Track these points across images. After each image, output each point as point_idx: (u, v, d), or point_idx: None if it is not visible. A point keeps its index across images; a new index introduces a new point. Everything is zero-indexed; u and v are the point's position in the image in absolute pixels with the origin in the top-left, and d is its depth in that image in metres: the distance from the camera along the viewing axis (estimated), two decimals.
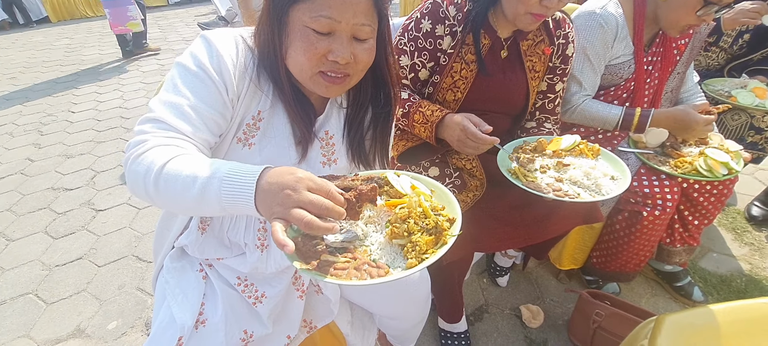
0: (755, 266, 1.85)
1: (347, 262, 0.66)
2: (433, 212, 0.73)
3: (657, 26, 1.45)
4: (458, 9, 1.18)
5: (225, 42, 0.79)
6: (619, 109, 1.42)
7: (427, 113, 1.19)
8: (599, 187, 1.09)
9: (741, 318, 1.01)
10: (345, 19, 0.72)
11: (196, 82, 0.76)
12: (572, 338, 1.54)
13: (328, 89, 0.79)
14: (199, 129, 0.75)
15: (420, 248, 0.67)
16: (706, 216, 1.55)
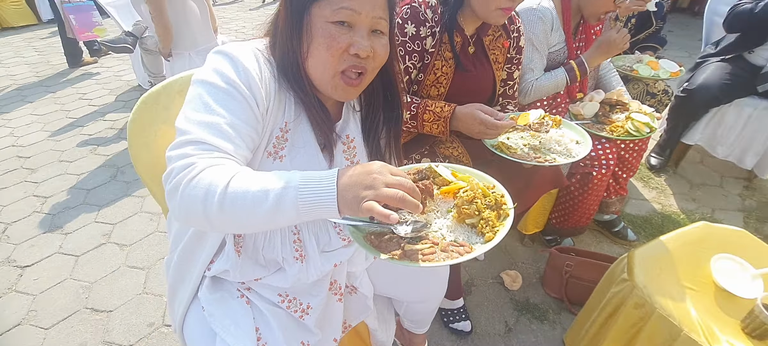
0: (664, 205, 2.30)
1: (430, 248, 0.72)
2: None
3: (579, 15, 1.73)
4: (433, 11, 1.29)
5: (247, 56, 0.79)
6: (561, 71, 1.66)
7: (436, 111, 1.28)
8: (569, 151, 1.29)
9: (684, 241, 1.29)
10: (365, 11, 0.76)
11: (228, 99, 0.75)
12: (548, 291, 1.77)
13: (347, 92, 0.82)
14: (239, 146, 0.74)
15: (492, 222, 0.76)
16: (631, 169, 1.90)
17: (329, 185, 0.64)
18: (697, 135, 2.42)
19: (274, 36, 0.84)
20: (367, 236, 0.79)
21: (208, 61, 0.79)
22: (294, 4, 0.77)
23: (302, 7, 0.76)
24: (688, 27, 5.50)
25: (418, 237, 0.76)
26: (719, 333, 1.01)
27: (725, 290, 1.12)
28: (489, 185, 0.88)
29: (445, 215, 0.84)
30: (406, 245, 0.73)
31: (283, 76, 0.83)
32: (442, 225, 0.81)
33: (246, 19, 6.54)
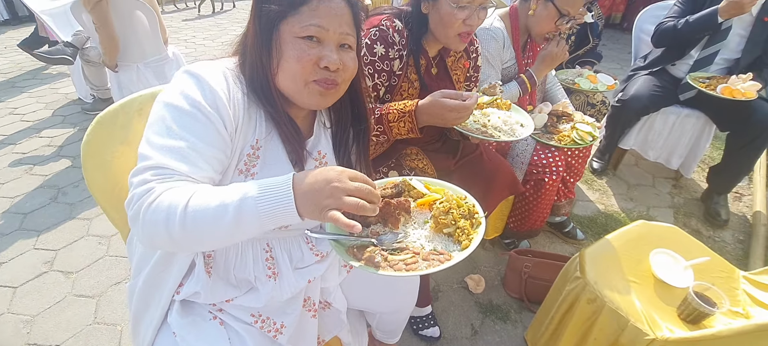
0: (606, 205, 2.51)
1: (412, 258, 0.76)
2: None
3: (527, 34, 1.87)
4: (400, 35, 1.33)
5: (214, 76, 0.79)
6: (514, 84, 1.79)
7: (399, 108, 1.24)
8: (514, 131, 1.37)
9: (626, 239, 1.42)
10: (332, 28, 0.79)
11: (191, 122, 0.74)
12: (509, 292, 1.87)
13: (322, 96, 0.83)
14: (202, 169, 0.75)
15: (467, 231, 0.81)
16: (578, 174, 2.06)
17: (286, 190, 0.66)
18: (631, 140, 2.66)
19: (244, 54, 0.85)
20: (349, 250, 0.81)
21: (174, 81, 0.79)
22: (263, 21, 0.79)
23: (271, 24, 0.78)
24: (619, 41, 6.04)
25: (399, 248, 0.80)
26: (660, 321, 1.13)
27: (663, 282, 1.25)
28: (461, 196, 0.93)
29: (423, 225, 0.89)
30: (389, 256, 0.77)
31: (253, 92, 0.83)
32: (421, 235, 0.86)
33: (196, 27, 6.31)
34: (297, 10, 0.77)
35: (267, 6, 0.78)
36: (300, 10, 0.77)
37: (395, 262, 0.77)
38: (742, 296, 1.22)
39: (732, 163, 2.36)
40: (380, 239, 0.84)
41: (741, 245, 2.22)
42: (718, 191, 2.45)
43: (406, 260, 0.76)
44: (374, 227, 0.89)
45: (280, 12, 0.78)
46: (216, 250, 0.91)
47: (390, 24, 1.32)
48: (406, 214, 0.89)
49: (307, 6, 0.77)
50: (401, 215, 0.88)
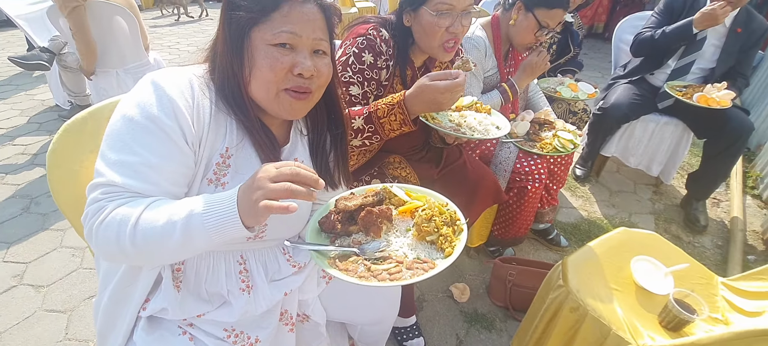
0: (589, 212, 2.54)
1: (396, 267, 0.74)
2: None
3: (508, 43, 1.88)
4: (387, 45, 1.31)
5: (176, 83, 0.76)
6: (496, 93, 1.81)
7: (387, 101, 1.18)
8: (487, 131, 1.34)
9: (608, 246, 1.42)
10: (305, 34, 0.77)
11: (145, 135, 0.72)
12: (494, 300, 1.86)
13: (294, 106, 0.81)
14: (157, 185, 0.73)
15: (450, 238, 0.80)
16: (561, 181, 2.08)
17: (230, 205, 0.66)
18: (613, 148, 2.70)
19: (213, 61, 0.82)
20: (330, 260, 0.79)
21: (134, 90, 0.77)
22: (233, 28, 0.77)
23: (241, 31, 0.76)
24: (600, 50, 6.18)
25: (382, 257, 0.78)
26: (641, 329, 1.13)
27: (644, 289, 1.26)
28: (442, 203, 0.92)
29: (405, 233, 0.87)
30: (372, 266, 0.75)
31: (223, 100, 0.81)
32: (403, 243, 0.85)
33: (180, 34, 6.23)
34: (268, 17, 0.76)
35: (236, 13, 0.76)
36: (271, 16, 0.76)
37: (378, 272, 0.75)
38: (721, 303, 1.23)
39: (709, 169, 2.41)
40: (362, 249, 0.83)
41: (720, 250, 2.26)
42: (697, 197, 2.50)
43: (389, 269, 0.75)
44: (356, 236, 0.88)
45: (250, 18, 0.76)
46: (185, 263, 0.87)
47: (377, 33, 1.30)
48: (387, 222, 0.88)
49: (278, 12, 0.76)
50: (383, 224, 0.86)
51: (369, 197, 0.92)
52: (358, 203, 0.89)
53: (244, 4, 0.75)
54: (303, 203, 0.97)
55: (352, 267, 0.78)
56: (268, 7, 0.75)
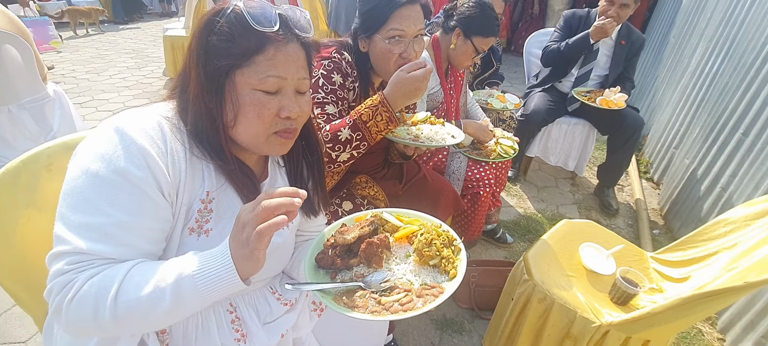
0: (524, 208, 2.79)
1: (406, 296, 0.75)
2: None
3: (447, 62, 2.02)
4: (350, 66, 1.33)
5: (144, 127, 0.69)
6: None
7: (368, 105, 1.19)
8: (443, 140, 1.43)
9: (557, 238, 1.59)
10: (290, 75, 0.74)
11: (114, 192, 0.65)
12: (459, 304, 1.95)
13: (284, 146, 0.79)
14: (132, 246, 0.67)
15: (452, 259, 0.83)
16: (502, 183, 2.27)
17: (224, 260, 0.63)
18: (535, 149, 3.02)
19: (184, 102, 0.76)
20: (337, 298, 0.77)
21: (95, 139, 0.68)
22: (210, 70, 0.71)
23: (221, 73, 0.71)
24: (506, 62, 6.85)
25: (389, 288, 0.78)
26: (600, 307, 1.29)
27: (593, 272, 1.43)
28: (437, 225, 0.94)
29: (405, 259, 0.88)
30: (382, 298, 0.75)
31: (197, 143, 0.75)
32: (406, 270, 0.85)
33: (76, 61, 5.50)
34: (251, 60, 0.71)
35: (212, 54, 0.71)
36: (255, 59, 0.71)
37: (390, 303, 0.75)
38: (654, 274, 1.46)
39: (614, 160, 2.82)
40: (367, 282, 0.81)
41: (631, 228, 2.66)
42: (607, 185, 2.91)
43: (401, 299, 0.75)
44: (358, 269, 0.86)
45: (232, 63, 0.71)
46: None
47: (340, 56, 1.31)
48: (387, 251, 0.88)
49: (262, 55, 0.71)
50: (383, 253, 0.86)
51: (365, 227, 0.90)
52: (355, 236, 0.87)
53: (223, 47, 0.70)
54: (287, 237, 0.94)
55: (362, 303, 0.76)
56: (252, 49, 0.71)
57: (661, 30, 4.47)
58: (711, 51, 2.86)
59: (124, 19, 8.72)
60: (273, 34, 0.71)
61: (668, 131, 3.20)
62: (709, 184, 2.35)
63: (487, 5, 1.83)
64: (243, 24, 0.70)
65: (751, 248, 1.16)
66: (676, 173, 2.83)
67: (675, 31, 3.86)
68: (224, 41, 0.70)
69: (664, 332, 1.26)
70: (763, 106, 2.06)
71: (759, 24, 2.30)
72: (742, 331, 1.77)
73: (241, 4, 0.71)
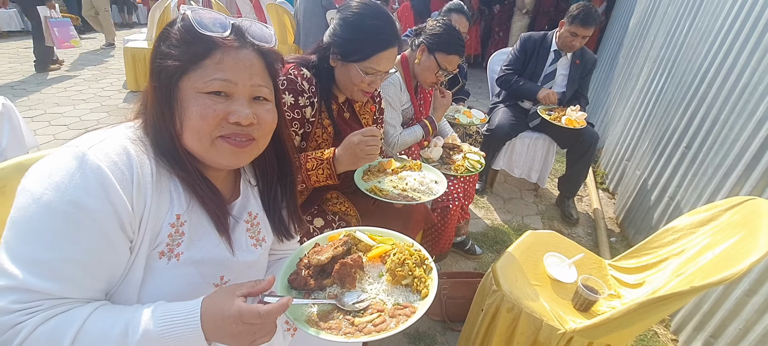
0: (492, 219, 2.88)
1: (380, 316, 0.76)
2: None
3: (415, 80, 2.08)
4: (309, 83, 1.35)
5: (108, 153, 0.65)
6: (418, 127, 1.98)
7: (318, 156, 1.30)
8: (431, 189, 1.52)
9: (523, 249, 1.65)
10: (241, 81, 0.72)
11: (68, 225, 0.60)
12: (431, 316, 1.97)
13: (236, 155, 0.75)
14: (82, 285, 0.63)
15: (424, 279, 0.84)
16: (470, 196, 2.34)
17: (193, 325, 0.64)
18: (500, 162, 3.13)
19: (145, 115, 0.75)
20: (309, 320, 0.77)
21: (51, 163, 0.63)
22: (161, 78, 0.70)
23: (170, 79, 0.70)
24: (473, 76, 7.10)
25: (363, 309, 0.79)
26: (564, 315, 1.35)
27: (557, 280, 1.50)
28: (409, 244, 0.95)
29: (378, 279, 0.88)
30: (355, 319, 0.75)
31: (161, 157, 0.73)
32: (379, 290, 0.85)
33: (25, 71, 5.16)
34: (199, 64, 0.70)
35: (164, 62, 0.70)
36: (202, 63, 0.70)
37: (363, 325, 0.75)
38: (612, 281, 1.55)
39: (572, 173, 2.97)
40: (341, 301, 0.81)
41: (590, 237, 2.80)
42: (567, 196, 3.05)
43: (374, 320, 0.75)
44: (331, 289, 0.86)
45: (179, 67, 0.70)
46: None
47: (298, 73, 1.33)
48: (360, 271, 0.88)
49: (210, 59, 0.70)
50: (356, 273, 0.87)
51: (338, 247, 0.90)
52: (329, 256, 0.87)
53: (172, 53, 0.70)
54: (260, 256, 0.93)
55: (335, 324, 0.76)
56: (199, 54, 0.70)
57: (611, 51, 4.80)
58: (655, 71, 3.11)
59: (80, 27, 8.32)
60: (222, 40, 0.71)
61: (620, 144, 3.42)
62: (659, 193, 2.53)
63: (454, 28, 1.91)
64: (190, 30, 0.70)
65: (696, 254, 1.26)
66: (629, 183, 3.02)
67: (623, 52, 4.16)
68: (174, 47, 0.70)
69: (623, 335, 1.33)
70: (702, 122, 2.25)
71: (696, 47, 2.53)
72: (692, 331, 1.91)
73: (189, 12, 0.71)
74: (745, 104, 1.92)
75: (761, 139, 1.75)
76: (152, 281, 0.73)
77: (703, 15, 2.59)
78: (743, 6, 2.11)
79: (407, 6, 7.09)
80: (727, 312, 1.71)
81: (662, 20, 3.28)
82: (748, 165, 1.81)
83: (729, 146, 1.96)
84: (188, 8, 0.72)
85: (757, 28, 1.96)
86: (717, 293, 1.77)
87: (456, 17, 2.76)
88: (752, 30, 1.99)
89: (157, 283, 0.73)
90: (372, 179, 1.53)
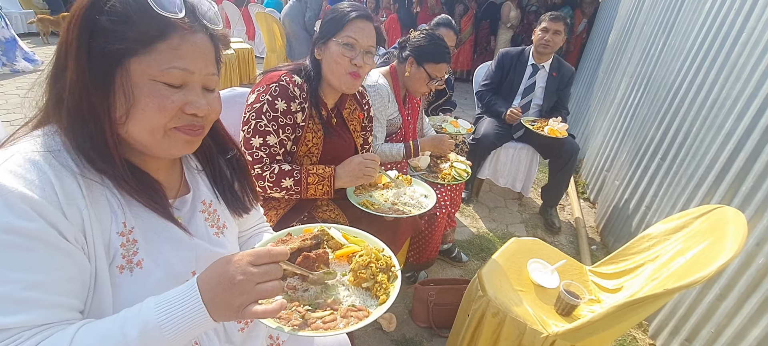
0: (477, 228, 2.94)
1: (331, 314, 0.76)
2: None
3: (405, 89, 2.14)
4: (300, 89, 1.39)
5: (12, 171, 0.58)
6: (400, 145, 2.02)
7: (319, 173, 1.40)
8: (421, 203, 1.57)
9: (507, 256, 1.70)
10: (198, 70, 0.68)
11: (11, 253, 0.56)
12: (418, 323, 2.00)
13: (188, 143, 0.72)
14: (53, 306, 0.59)
15: (385, 285, 0.85)
16: (457, 205, 2.38)
17: (194, 302, 0.60)
18: (486, 171, 3.21)
19: (59, 112, 0.65)
20: None
21: None
22: (96, 55, 0.61)
23: (111, 58, 0.62)
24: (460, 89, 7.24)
25: (317, 304, 0.79)
26: (547, 319, 1.40)
27: (540, 286, 1.55)
28: (379, 249, 0.95)
29: (341, 278, 0.88)
30: (306, 313, 0.75)
31: (83, 155, 0.64)
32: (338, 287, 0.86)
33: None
34: (152, 47, 0.63)
35: (102, 40, 0.61)
36: (156, 46, 0.63)
37: (313, 320, 0.75)
38: (592, 286, 1.61)
39: (555, 182, 3.06)
40: (300, 295, 0.81)
41: (572, 245, 2.88)
42: (550, 205, 3.14)
43: (324, 317, 0.75)
44: (291, 280, 0.85)
45: (127, 49, 0.62)
46: None
47: (289, 79, 1.37)
48: (325, 266, 0.87)
49: (165, 43, 0.64)
50: (320, 268, 0.85)
51: (307, 240, 0.89)
52: (295, 247, 0.85)
53: (118, 31, 0.61)
54: (228, 243, 0.89)
55: (286, 315, 0.76)
56: (153, 36, 0.63)
57: (591, 65, 4.97)
58: (632, 85, 3.24)
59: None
60: (178, 21, 0.64)
61: (600, 155, 3.54)
62: (636, 203, 2.63)
63: (437, 36, 1.98)
64: (142, 5, 0.62)
65: (669, 259, 1.33)
66: (608, 193, 3.12)
67: (603, 67, 4.32)
68: (117, 23, 0.61)
69: (603, 338, 1.39)
70: (675, 135, 2.37)
71: (669, 63, 2.67)
72: (668, 336, 1.98)
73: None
74: (714, 118, 2.03)
75: (729, 152, 1.86)
76: (123, 296, 0.69)
77: (675, 34, 2.73)
78: (712, 26, 2.24)
79: (394, 18, 7.23)
80: (700, 316, 1.79)
81: (638, 38, 3.44)
82: (717, 175, 1.91)
83: (700, 158, 2.07)
84: None
85: (724, 47, 2.08)
86: (691, 298, 1.86)
87: (444, 31, 2.83)
88: (720, 48, 2.12)
89: (130, 298, 0.68)
90: (364, 192, 1.57)
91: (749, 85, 1.82)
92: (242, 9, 7.97)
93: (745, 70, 1.88)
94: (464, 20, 7.29)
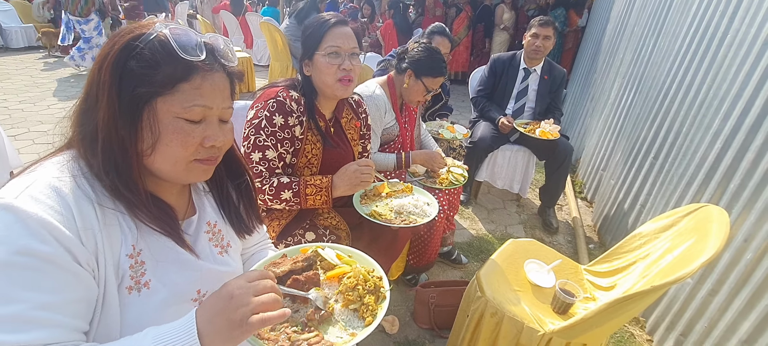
0: (477, 230, 2.99)
1: (316, 336, 0.79)
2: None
3: (401, 98, 2.20)
4: (297, 103, 1.44)
5: (36, 197, 0.62)
6: (392, 156, 2.07)
7: (317, 184, 1.44)
8: (424, 212, 1.62)
9: (505, 256, 1.75)
10: (216, 105, 0.73)
11: (25, 274, 0.59)
12: (420, 324, 2.05)
13: (206, 172, 0.78)
14: (59, 326, 0.61)
15: (372, 307, 0.87)
16: (455, 208, 2.44)
17: (189, 336, 0.61)
18: (483, 174, 3.26)
19: (85, 140, 0.70)
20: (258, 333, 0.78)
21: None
22: (125, 96, 0.66)
23: (140, 100, 0.67)
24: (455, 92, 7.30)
25: (304, 323, 0.82)
26: (543, 317, 1.45)
27: (537, 285, 1.60)
28: (369, 269, 0.97)
29: (334, 298, 0.91)
30: (292, 335, 0.78)
31: (105, 187, 0.69)
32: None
33: (7, 89, 5.09)
34: (176, 88, 0.68)
35: (132, 85, 0.66)
36: (180, 87, 0.69)
37: (300, 342, 0.77)
38: (587, 285, 1.66)
39: (551, 183, 3.12)
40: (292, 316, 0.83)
41: (570, 244, 2.93)
42: (548, 205, 3.19)
43: (309, 339, 0.78)
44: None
45: (154, 92, 0.67)
46: None
47: (286, 94, 1.42)
48: (317, 287, 0.90)
49: (188, 83, 0.69)
50: (310, 289, 0.88)
51: (298, 262, 0.92)
52: (286, 269, 0.89)
53: (146, 75, 0.66)
54: (232, 263, 0.93)
55: (273, 336, 0.78)
56: (178, 78, 0.68)
57: (585, 67, 5.04)
58: (625, 86, 3.31)
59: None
60: (199, 63, 0.70)
61: (596, 155, 3.60)
62: (631, 201, 2.68)
63: (435, 50, 2.04)
64: (168, 51, 0.68)
65: (659, 257, 1.38)
66: (604, 192, 3.18)
67: (597, 67, 4.39)
68: (145, 67, 0.66)
69: (598, 334, 1.44)
70: (666, 135, 2.42)
71: (660, 64, 2.73)
72: (665, 331, 2.03)
73: (166, 30, 0.69)
74: (702, 118, 2.09)
75: (717, 150, 1.91)
76: (130, 316, 0.72)
77: (664, 36, 2.79)
78: (699, 28, 2.30)
79: (390, 24, 7.30)
80: (694, 312, 1.85)
81: (630, 39, 3.50)
82: (707, 173, 1.97)
83: (690, 157, 2.12)
84: (162, 25, 0.70)
85: (711, 48, 2.15)
86: (685, 293, 1.91)
87: (439, 39, 2.90)
88: (707, 50, 2.18)
89: (136, 317, 0.72)
90: (369, 203, 1.62)
91: (735, 85, 1.88)
92: (239, 18, 8.06)
93: (731, 71, 1.94)
94: (457, 22, 7.37)
